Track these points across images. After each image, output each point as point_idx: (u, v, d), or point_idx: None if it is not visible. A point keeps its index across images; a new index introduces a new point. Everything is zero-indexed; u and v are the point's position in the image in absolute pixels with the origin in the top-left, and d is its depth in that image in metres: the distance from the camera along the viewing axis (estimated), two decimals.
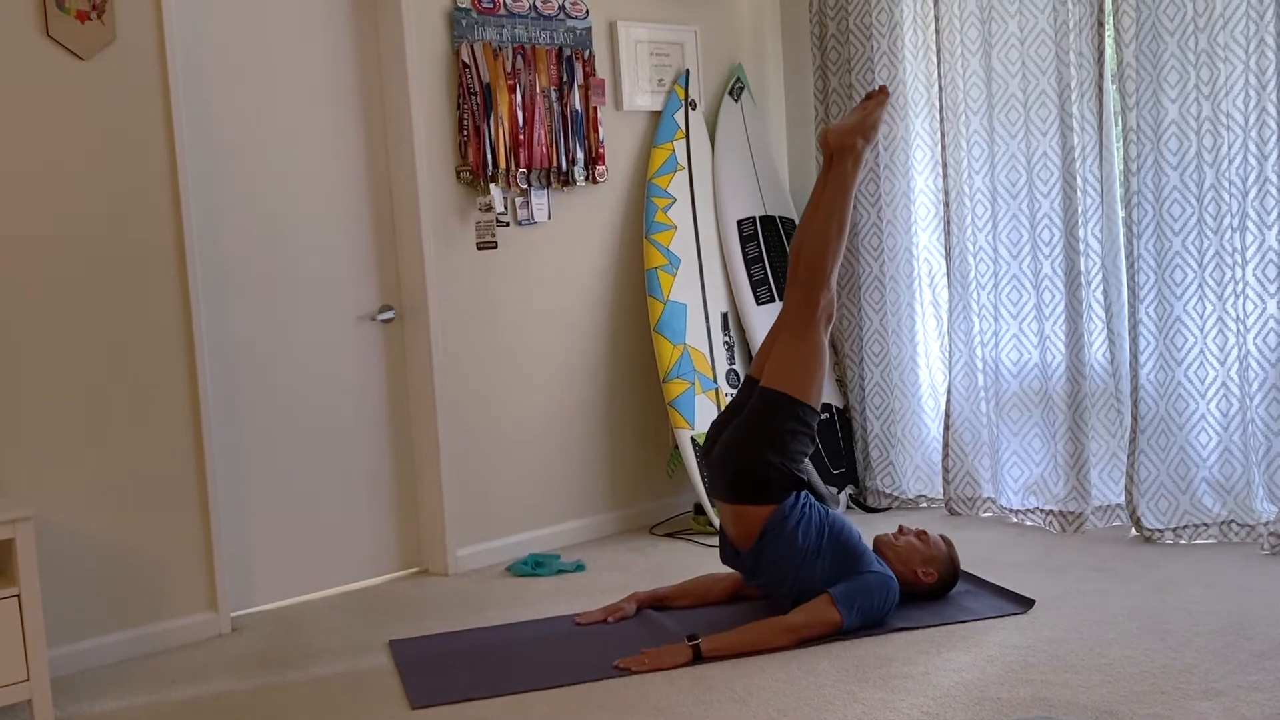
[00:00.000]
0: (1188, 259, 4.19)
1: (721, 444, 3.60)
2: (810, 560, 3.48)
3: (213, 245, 4.01)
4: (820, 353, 3.59)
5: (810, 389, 3.55)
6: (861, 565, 3.51)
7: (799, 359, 3.57)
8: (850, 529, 3.61)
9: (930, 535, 3.72)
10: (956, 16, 4.70)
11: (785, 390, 3.53)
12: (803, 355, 3.57)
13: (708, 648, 3.31)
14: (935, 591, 3.67)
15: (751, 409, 3.58)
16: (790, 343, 3.60)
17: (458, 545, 4.50)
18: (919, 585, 3.63)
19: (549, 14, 4.68)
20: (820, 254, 3.60)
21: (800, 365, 3.56)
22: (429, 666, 3.41)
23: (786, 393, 3.53)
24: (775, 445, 3.51)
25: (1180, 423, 4.23)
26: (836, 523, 3.58)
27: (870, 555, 3.57)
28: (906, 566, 3.63)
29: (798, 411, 3.53)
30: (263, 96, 4.14)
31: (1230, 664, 3.03)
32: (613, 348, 4.97)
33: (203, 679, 3.47)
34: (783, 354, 3.59)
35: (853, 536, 3.58)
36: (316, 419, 4.27)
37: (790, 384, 3.54)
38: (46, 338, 3.57)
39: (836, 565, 3.49)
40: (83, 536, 3.63)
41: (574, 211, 4.81)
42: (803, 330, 3.59)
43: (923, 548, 3.67)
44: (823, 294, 3.60)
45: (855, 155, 3.64)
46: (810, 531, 3.50)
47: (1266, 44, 3.95)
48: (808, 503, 3.57)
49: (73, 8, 3.58)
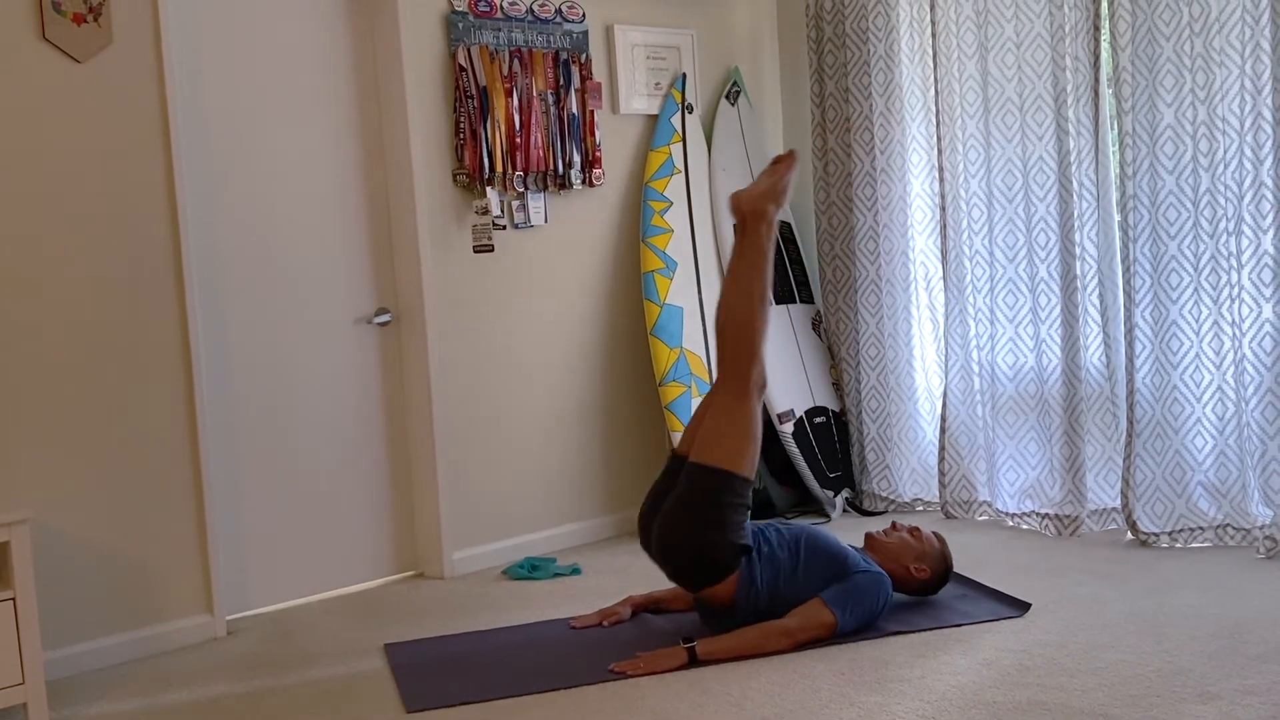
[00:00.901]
0: (1183, 263, 4.19)
1: (660, 533, 3.47)
2: (795, 589, 3.44)
3: (209, 248, 4.01)
4: (754, 423, 3.48)
5: (745, 459, 3.44)
6: (848, 568, 3.49)
7: (734, 431, 3.45)
8: (823, 537, 3.57)
9: (923, 532, 3.71)
10: (953, 21, 4.71)
11: (718, 464, 3.41)
12: (737, 426, 3.45)
13: (703, 651, 3.30)
14: (928, 587, 3.67)
15: (684, 490, 3.45)
16: (722, 415, 3.47)
17: (454, 548, 4.49)
18: (911, 581, 3.63)
19: (545, 17, 4.68)
20: (747, 328, 3.49)
21: (734, 437, 3.45)
22: (425, 670, 3.40)
23: (720, 467, 3.41)
24: (715, 525, 3.41)
25: (1176, 426, 4.24)
26: (806, 542, 3.53)
27: (855, 556, 3.56)
28: (899, 563, 3.62)
29: (733, 485, 3.42)
30: (259, 99, 4.14)
31: (1226, 668, 3.03)
32: (609, 351, 4.97)
33: (198, 682, 3.46)
34: (715, 428, 3.47)
35: (829, 544, 3.55)
36: (312, 422, 4.27)
37: (724, 457, 3.42)
38: (41, 341, 3.56)
39: (824, 579, 3.46)
40: (78, 539, 3.63)
41: (570, 215, 4.81)
42: (735, 403, 3.48)
43: (915, 544, 3.66)
44: (754, 367, 3.49)
45: (768, 221, 3.52)
46: (780, 568, 3.45)
47: (1262, 49, 3.96)
48: (763, 547, 3.48)
49: (69, 10, 3.57)
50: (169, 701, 3.32)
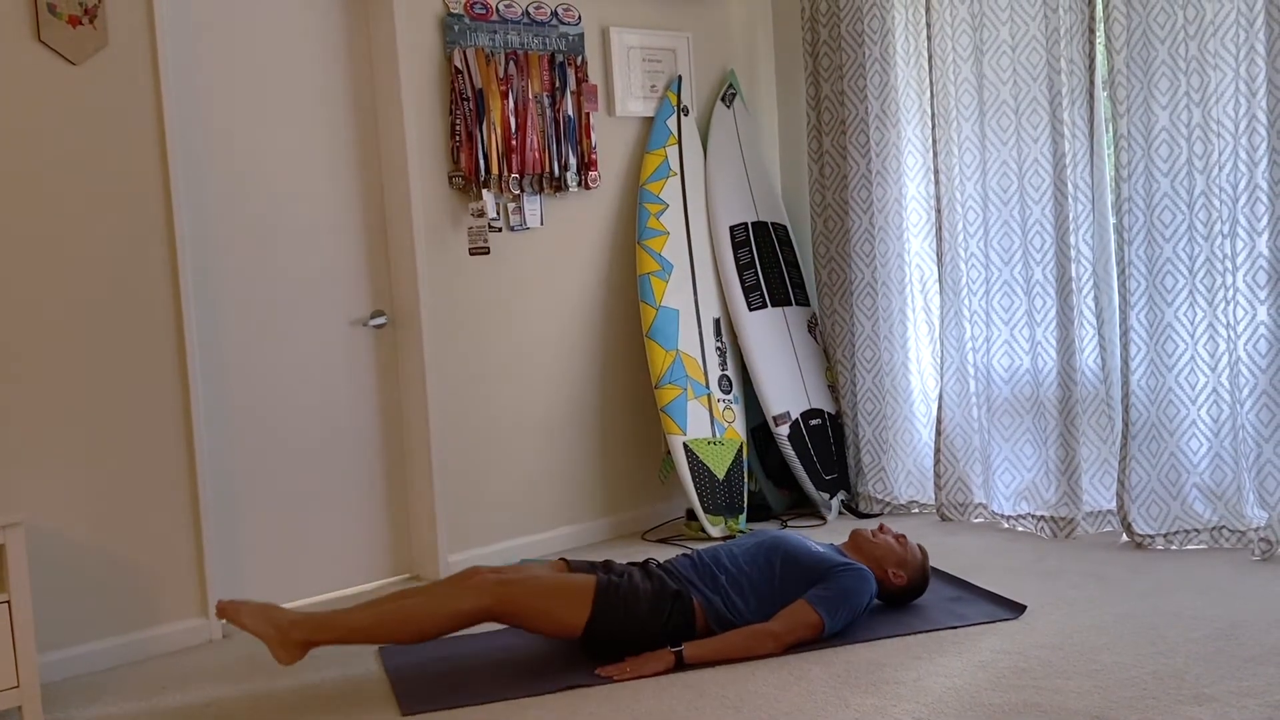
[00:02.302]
0: (1178, 265, 4.20)
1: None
2: (774, 594, 3.44)
3: (204, 250, 4.00)
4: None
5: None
6: (827, 566, 3.47)
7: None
8: (793, 544, 3.54)
9: (909, 541, 3.72)
10: (948, 24, 4.72)
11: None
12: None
13: (690, 655, 3.29)
14: (901, 595, 3.66)
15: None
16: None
17: (450, 551, 4.49)
18: (887, 585, 3.62)
19: (541, 20, 4.68)
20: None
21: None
22: (420, 674, 3.40)
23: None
24: (644, 622, 3.36)
25: (1171, 428, 4.24)
26: (770, 546, 3.53)
27: (832, 556, 3.53)
28: (879, 566, 3.61)
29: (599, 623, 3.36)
30: (255, 101, 4.13)
31: (1221, 669, 3.03)
32: (605, 353, 4.97)
33: (193, 686, 3.46)
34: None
35: (801, 552, 3.52)
36: (308, 425, 4.27)
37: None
38: (36, 344, 3.56)
39: (804, 579, 3.46)
40: (73, 542, 3.62)
41: (566, 217, 4.81)
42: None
43: (899, 550, 3.66)
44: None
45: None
46: (746, 578, 3.44)
47: (1257, 51, 3.96)
48: (714, 573, 3.46)
49: (64, 12, 3.57)
50: (164, 705, 3.32)
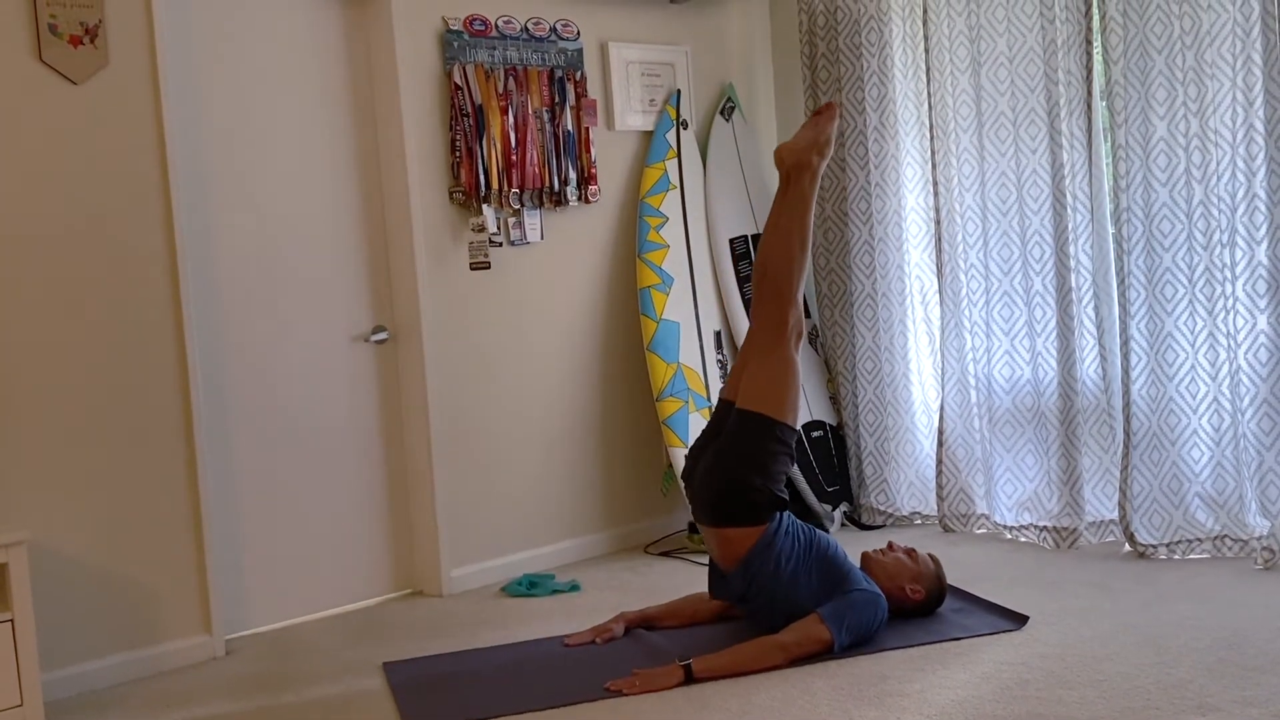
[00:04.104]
0: (1178, 275, 4.21)
1: (703, 468, 3.58)
2: (798, 580, 3.48)
3: (205, 267, 4.01)
4: (793, 370, 3.57)
5: (786, 408, 3.54)
6: (849, 584, 3.51)
7: (773, 379, 3.54)
8: (835, 548, 3.61)
9: (919, 553, 3.73)
10: (946, 36, 4.73)
11: (762, 411, 3.51)
12: (776, 374, 3.55)
13: (699, 668, 3.30)
14: (922, 609, 3.68)
15: (730, 432, 3.56)
16: (763, 363, 3.57)
17: (452, 566, 4.49)
18: (906, 602, 3.64)
19: (540, 35, 4.70)
20: (785, 272, 3.58)
21: (775, 385, 3.54)
22: (423, 688, 3.40)
23: (764, 414, 3.51)
24: (756, 467, 3.50)
25: (1172, 438, 4.24)
26: (821, 541, 3.59)
27: (857, 573, 3.58)
28: (894, 583, 3.63)
29: (776, 431, 3.52)
30: (255, 118, 4.15)
31: (1225, 679, 3.03)
32: (606, 367, 4.97)
33: (197, 702, 3.45)
34: (756, 374, 3.57)
35: (838, 556, 3.59)
36: (310, 441, 4.27)
37: (766, 404, 3.52)
38: (38, 359, 3.56)
39: (824, 584, 3.49)
40: (76, 560, 3.62)
41: (567, 231, 4.82)
42: (773, 349, 3.57)
43: (911, 565, 3.68)
44: (791, 311, 3.58)
45: (812, 172, 3.61)
46: (796, 551, 3.51)
47: (1253, 61, 3.98)
48: (791, 523, 3.57)
49: (66, 32, 3.59)
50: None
